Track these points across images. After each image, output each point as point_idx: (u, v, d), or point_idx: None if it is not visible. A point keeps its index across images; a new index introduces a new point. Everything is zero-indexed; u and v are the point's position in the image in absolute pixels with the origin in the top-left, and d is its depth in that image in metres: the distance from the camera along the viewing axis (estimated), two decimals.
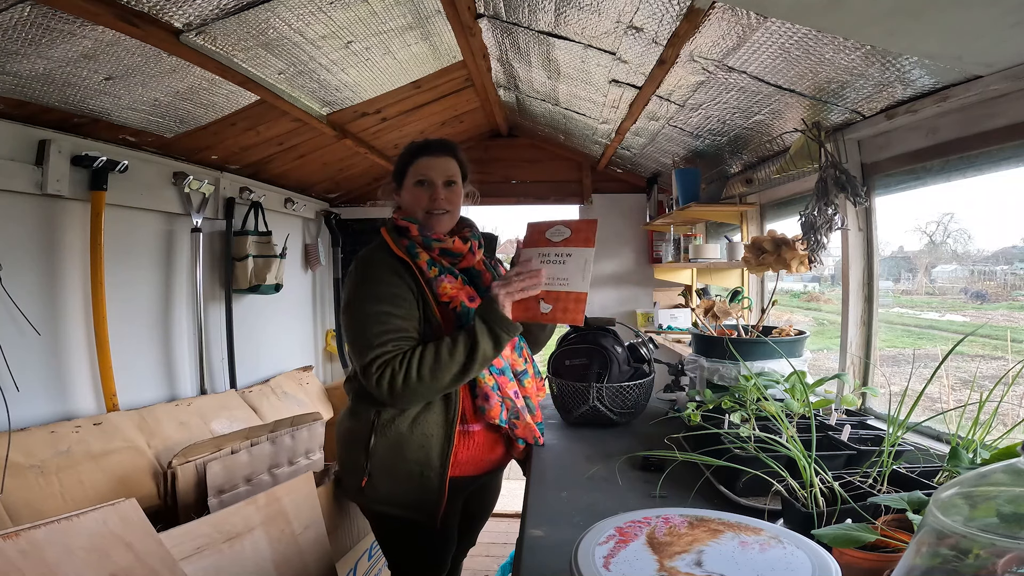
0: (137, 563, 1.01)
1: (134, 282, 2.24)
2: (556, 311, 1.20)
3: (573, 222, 1.23)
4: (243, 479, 1.91)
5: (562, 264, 1.21)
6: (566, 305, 1.19)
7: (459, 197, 1.41)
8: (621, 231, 3.80)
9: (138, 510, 1.08)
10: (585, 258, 1.20)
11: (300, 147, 2.66)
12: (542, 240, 1.24)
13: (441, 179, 1.37)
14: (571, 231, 1.23)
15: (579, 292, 1.19)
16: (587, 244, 1.21)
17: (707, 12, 1.32)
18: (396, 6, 1.70)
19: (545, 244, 1.23)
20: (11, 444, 1.57)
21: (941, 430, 1.35)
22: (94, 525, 1.00)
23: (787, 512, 0.86)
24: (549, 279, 1.21)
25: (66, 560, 0.93)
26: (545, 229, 1.25)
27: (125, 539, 1.02)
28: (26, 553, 0.89)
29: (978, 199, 1.54)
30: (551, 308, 1.20)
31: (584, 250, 1.20)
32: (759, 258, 1.64)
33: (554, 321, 1.22)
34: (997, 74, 1.11)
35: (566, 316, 1.19)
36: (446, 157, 1.40)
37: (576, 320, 1.19)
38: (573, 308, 1.19)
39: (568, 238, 1.22)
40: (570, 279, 1.20)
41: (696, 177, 2.58)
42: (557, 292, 1.20)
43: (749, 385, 1.20)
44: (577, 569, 0.59)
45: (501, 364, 1.33)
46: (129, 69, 1.61)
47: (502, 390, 1.32)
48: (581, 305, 1.19)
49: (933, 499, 0.43)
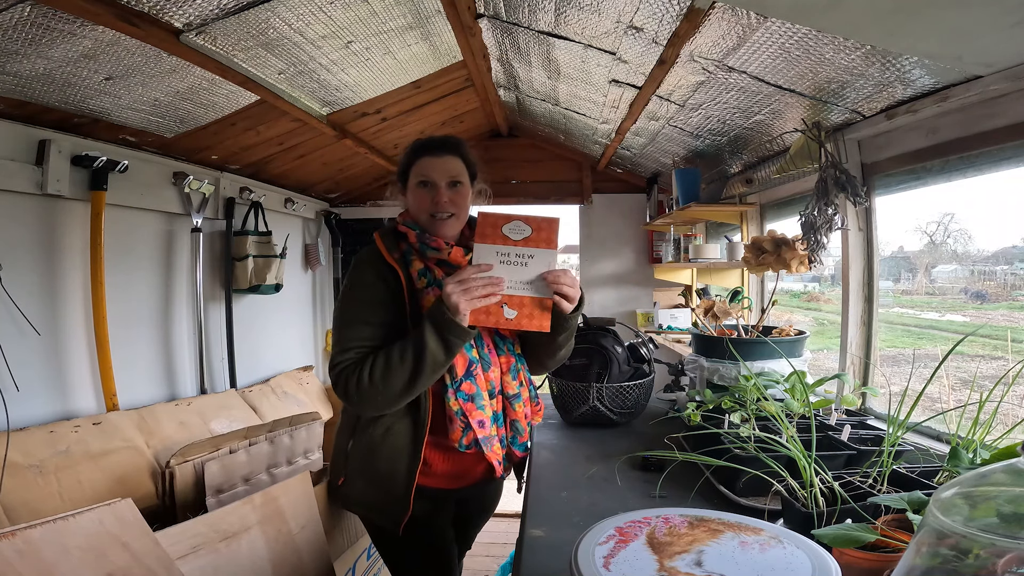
0: (133, 562, 1.01)
1: (134, 282, 2.24)
2: (521, 317, 1.12)
3: (533, 219, 1.13)
4: (241, 479, 1.91)
5: (524, 267, 1.12)
6: (531, 311, 1.12)
7: (465, 199, 1.33)
8: (621, 231, 3.80)
9: (134, 510, 1.08)
10: (548, 261, 1.12)
11: (300, 147, 2.66)
12: (498, 236, 1.12)
13: (444, 180, 1.29)
14: (532, 229, 1.12)
15: (544, 297, 1.13)
16: (550, 245, 1.12)
17: (707, 12, 1.32)
18: (396, 6, 1.70)
19: (503, 241, 1.12)
20: (10, 444, 1.57)
21: (941, 430, 1.35)
22: (90, 525, 1.00)
23: (787, 512, 0.86)
24: (511, 283, 1.12)
25: (63, 560, 0.93)
26: (501, 223, 1.13)
27: (121, 539, 1.02)
28: (23, 553, 0.89)
29: (978, 199, 1.54)
30: (516, 314, 1.11)
31: (547, 252, 1.12)
32: (759, 258, 1.64)
33: (519, 327, 1.13)
34: (997, 74, 1.11)
35: (532, 322, 1.12)
36: (449, 156, 1.32)
37: (543, 326, 1.12)
38: (539, 315, 1.12)
39: (529, 237, 1.12)
40: (534, 284, 1.12)
41: (696, 177, 2.58)
42: (521, 297, 1.12)
43: (749, 385, 1.20)
44: (577, 569, 0.59)
45: (472, 390, 1.23)
46: (129, 69, 1.61)
47: (466, 416, 1.22)
48: (548, 312, 1.12)
49: (933, 499, 0.43)
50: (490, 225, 1.13)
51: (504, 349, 1.31)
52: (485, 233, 1.12)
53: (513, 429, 1.33)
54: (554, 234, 1.13)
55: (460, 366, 1.22)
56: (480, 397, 1.23)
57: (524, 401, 1.34)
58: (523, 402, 1.33)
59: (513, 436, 1.33)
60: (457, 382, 1.22)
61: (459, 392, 1.22)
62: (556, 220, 1.14)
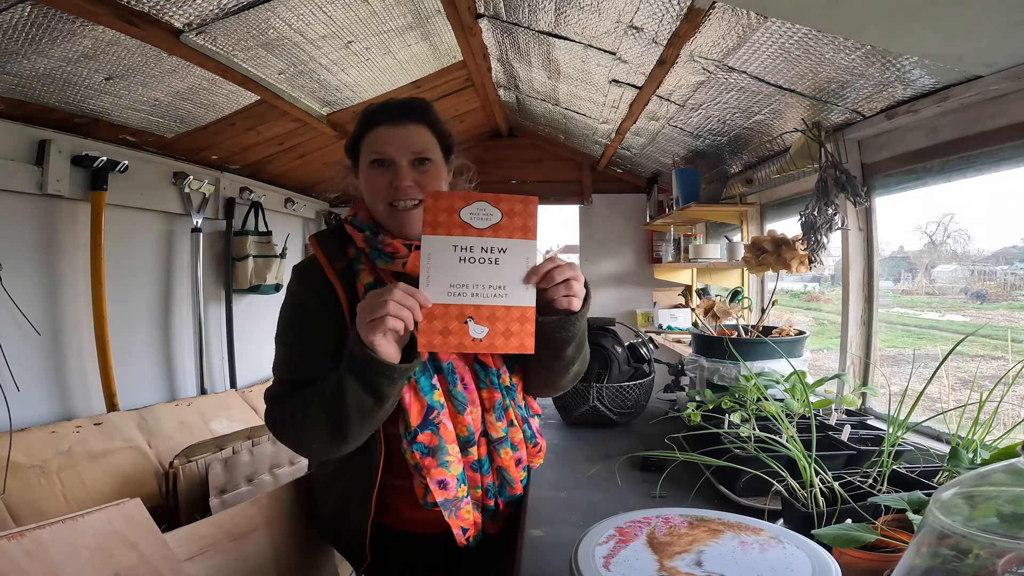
0: (141, 563, 1.01)
1: (134, 282, 2.24)
2: (494, 336, 0.82)
3: (504, 199, 0.84)
4: (244, 479, 1.91)
5: (494, 265, 0.82)
6: (508, 326, 0.82)
7: (437, 179, 1.01)
8: (621, 231, 3.80)
9: (143, 510, 1.08)
10: (527, 255, 0.83)
11: (300, 147, 2.66)
12: (455, 224, 0.83)
13: (405, 156, 0.98)
14: (502, 213, 0.83)
15: (524, 306, 0.83)
16: (527, 234, 0.84)
17: (707, 12, 1.32)
18: (396, 6, 1.70)
19: (462, 231, 0.82)
20: (12, 444, 1.58)
21: (941, 430, 1.35)
22: (99, 525, 1.00)
23: (787, 512, 0.86)
24: (477, 288, 0.82)
25: (70, 560, 0.93)
26: (459, 206, 0.83)
27: (129, 539, 1.02)
28: (30, 553, 0.89)
29: (978, 199, 1.54)
30: (486, 332, 0.81)
31: (525, 243, 0.83)
32: (759, 258, 1.64)
33: (492, 350, 0.82)
34: (997, 74, 1.11)
35: (510, 342, 0.82)
36: (412, 124, 1.00)
37: (525, 347, 0.82)
38: (519, 331, 0.82)
39: (499, 224, 0.83)
40: (508, 287, 0.83)
41: (696, 177, 2.58)
42: (492, 307, 0.82)
43: (749, 385, 1.20)
44: (577, 569, 0.59)
45: (434, 442, 0.95)
46: (129, 69, 1.61)
47: (426, 473, 0.94)
48: (528, 325, 0.83)
49: (933, 499, 0.43)
50: (443, 210, 0.83)
51: (487, 381, 1.00)
52: (437, 221, 0.82)
53: (500, 478, 1.04)
54: (532, 219, 0.84)
55: (415, 413, 0.94)
56: (443, 451, 0.95)
57: (517, 444, 1.04)
58: (513, 446, 1.04)
59: (501, 486, 1.05)
60: (411, 432, 0.94)
61: (415, 444, 0.94)
62: (534, 200, 0.85)
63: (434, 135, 1.02)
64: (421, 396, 0.95)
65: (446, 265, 0.82)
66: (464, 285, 0.82)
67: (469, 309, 0.82)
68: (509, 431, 1.03)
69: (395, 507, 1.04)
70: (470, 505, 1.00)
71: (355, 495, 1.02)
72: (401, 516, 1.04)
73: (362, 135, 1.02)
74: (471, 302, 0.82)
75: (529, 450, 1.08)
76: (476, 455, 1.01)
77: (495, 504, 1.05)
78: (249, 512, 1.24)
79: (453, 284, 0.82)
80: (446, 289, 0.82)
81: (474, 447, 1.00)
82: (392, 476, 0.99)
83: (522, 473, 1.07)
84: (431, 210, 0.83)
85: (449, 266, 0.82)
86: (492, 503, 1.04)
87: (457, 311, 0.82)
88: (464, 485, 0.99)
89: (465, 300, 0.82)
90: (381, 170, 0.99)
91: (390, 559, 1.06)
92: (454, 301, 0.82)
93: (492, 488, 1.04)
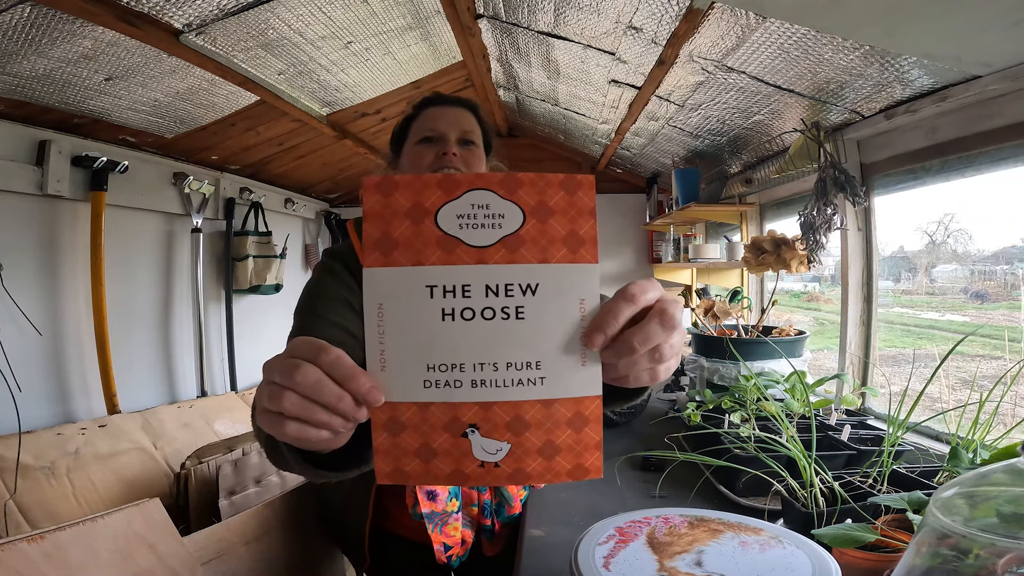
0: (159, 565, 1.00)
1: (134, 282, 2.25)
2: (523, 456, 0.43)
3: (525, 180, 0.43)
4: (253, 480, 1.91)
5: (515, 319, 0.42)
6: (550, 437, 0.43)
7: (479, 164, 1.01)
8: (621, 231, 3.80)
9: (162, 511, 1.08)
10: (580, 296, 0.43)
11: (300, 147, 2.66)
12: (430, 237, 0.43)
13: (454, 132, 0.99)
14: (523, 212, 0.43)
15: (579, 397, 0.43)
16: (580, 253, 0.43)
17: (706, 12, 1.32)
18: (396, 6, 1.70)
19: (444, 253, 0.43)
20: (21, 446, 1.58)
21: (941, 430, 1.35)
22: (119, 526, 0.99)
23: (787, 512, 0.86)
24: (481, 367, 0.42)
25: (90, 562, 0.92)
26: (437, 199, 0.42)
27: (148, 540, 1.01)
28: (50, 556, 0.88)
29: (977, 199, 1.54)
30: (507, 450, 0.43)
31: (576, 269, 0.43)
32: (759, 258, 1.64)
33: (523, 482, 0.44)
34: (996, 74, 1.11)
35: (553, 466, 0.43)
36: (461, 109, 1.04)
37: (585, 471, 0.44)
38: (571, 443, 0.43)
39: (518, 233, 0.42)
40: (546, 362, 0.42)
41: (696, 177, 2.58)
42: (516, 405, 0.43)
43: (749, 385, 1.20)
44: (577, 569, 0.59)
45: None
46: (129, 69, 1.61)
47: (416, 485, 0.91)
48: (591, 431, 0.43)
49: (933, 499, 0.43)
50: (402, 212, 0.42)
51: None
52: (392, 236, 0.42)
53: (499, 495, 1.02)
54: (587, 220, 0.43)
55: None
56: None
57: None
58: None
59: (499, 505, 1.02)
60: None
61: None
62: (589, 181, 0.43)
63: (480, 126, 1.05)
64: None
65: (417, 325, 0.42)
66: (457, 365, 0.42)
67: (469, 410, 0.43)
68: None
69: (392, 513, 1.04)
70: (459, 522, 0.96)
71: (355, 496, 1.02)
72: (398, 522, 1.04)
73: (413, 117, 1.04)
74: (472, 398, 0.43)
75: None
76: None
77: (492, 524, 1.02)
78: (263, 515, 1.25)
79: (434, 363, 0.42)
80: (420, 374, 0.42)
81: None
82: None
83: (523, 492, 1.05)
84: (377, 214, 0.42)
85: (423, 327, 0.42)
86: (489, 522, 1.01)
87: (446, 415, 0.43)
88: (456, 500, 0.95)
89: (461, 395, 0.42)
90: (429, 145, 0.99)
91: (388, 563, 1.06)
92: (437, 398, 0.43)
93: (489, 506, 1.01)
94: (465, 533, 0.98)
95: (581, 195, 0.43)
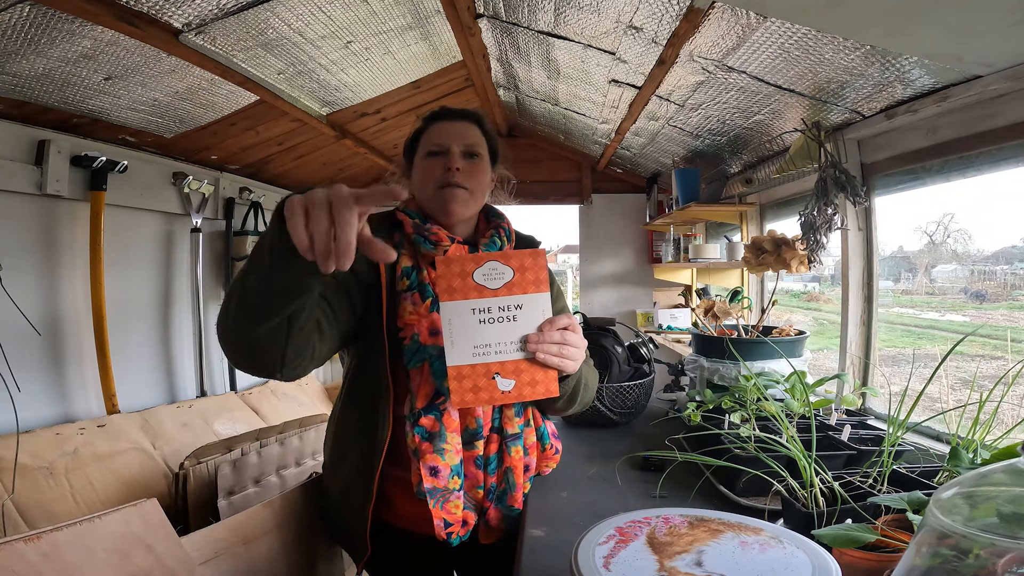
0: (156, 565, 1.00)
1: (134, 282, 2.24)
2: (521, 387, 0.87)
3: (512, 256, 0.89)
4: (252, 480, 1.91)
5: (512, 322, 0.87)
6: (532, 376, 0.87)
7: (483, 175, 1.09)
8: (621, 231, 3.80)
9: (159, 511, 1.08)
10: (542, 308, 0.88)
11: (300, 147, 2.66)
12: (471, 287, 0.87)
13: (458, 146, 1.06)
14: (513, 270, 0.88)
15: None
16: (540, 287, 0.88)
17: (707, 12, 1.32)
18: (396, 6, 1.70)
19: (478, 294, 0.87)
20: (19, 445, 1.57)
21: (941, 430, 1.35)
22: (116, 526, 0.99)
23: (787, 512, 0.86)
24: (499, 345, 0.87)
25: (87, 562, 0.92)
26: (471, 268, 0.88)
27: (146, 541, 1.01)
28: (47, 556, 0.88)
29: (978, 199, 1.54)
30: (513, 384, 0.87)
31: (538, 296, 0.88)
32: (759, 258, 1.64)
33: (522, 399, 0.88)
34: (997, 74, 1.11)
35: (536, 389, 0.88)
36: (466, 123, 1.10)
37: (551, 391, 0.88)
38: (543, 378, 0.88)
39: (511, 282, 0.88)
40: (528, 341, 0.88)
41: (696, 177, 2.58)
42: (516, 362, 0.87)
43: (749, 385, 1.20)
44: (577, 569, 0.59)
45: (435, 428, 0.98)
46: (128, 69, 1.61)
47: (423, 459, 0.97)
48: (552, 372, 0.88)
49: (933, 499, 0.43)
50: (456, 275, 0.87)
51: None
52: (453, 287, 0.87)
53: (505, 480, 1.05)
54: (542, 271, 0.88)
55: (422, 395, 0.98)
56: (442, 439, 0.97)
57: (529, 448, 1.07)
58: (526, 449, 1.06)
59: (503, 491, 1.05)
60: (415, 414, 0.98)
61: (417, 427, 0.97)
62: (542, 253, 0.90)
63: (484, 137, 1.13)
64: (432, 380, 0.98)
65: (467, 328, 0.87)
66: (487, 345, 0.87)
67: (495, 366, 0.87)
68: (524, 430, 1.06)
69: (394, 500, 1.05)
70: (461, 500, 1.00)
71: (357, 481, 1.03)
72: (399, 512, 1.05)
73: (421, 132, 1.12)
74: (496, 359, 0.87)
75: (545, 452, 1.12)
76: (483, 451, 1.03)
77: (492, 510, 1.05)
78: (261, 515, 1.25)
79: (476, 345, 0.86)
80: (470, 351, 0.87)
81: (481, 442, 1.02)
82: (394, 465, 1.01)
83: (527, 485, 1.09)
84: (444, 276, 0.87)
85: (470, 328, 0.87)
86: (491, 507, 1.04)
87: (484, 369, 0.87)
88: (458, 478, 0.99)
89: (490, 359, 0.87)
90: (435, 159, 1.07)
91: (388, 556, 1.08)
92: (479, 361, 0.87)
93: (494, 491, 1.04)
94: (467, 515, 1.02)
95: (540, 259, 0.89)
